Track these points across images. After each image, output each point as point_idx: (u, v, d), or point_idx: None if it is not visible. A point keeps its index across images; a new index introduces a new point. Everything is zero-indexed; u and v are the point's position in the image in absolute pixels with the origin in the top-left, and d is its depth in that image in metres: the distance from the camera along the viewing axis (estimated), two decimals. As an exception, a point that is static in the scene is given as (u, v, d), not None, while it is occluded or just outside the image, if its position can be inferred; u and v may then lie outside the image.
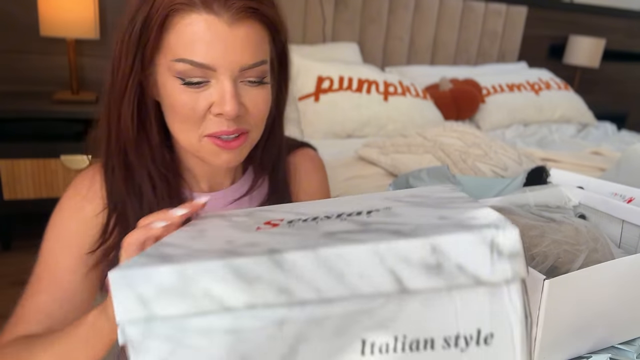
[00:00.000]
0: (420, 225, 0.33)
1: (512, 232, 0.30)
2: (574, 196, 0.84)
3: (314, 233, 0.35)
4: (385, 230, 0.33)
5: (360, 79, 2.07)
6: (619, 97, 3.66)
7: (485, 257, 0.30)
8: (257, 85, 0.58)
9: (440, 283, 0.30)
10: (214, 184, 0.70)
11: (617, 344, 0.63)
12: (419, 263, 0.30)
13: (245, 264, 0.30)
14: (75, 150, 1.87)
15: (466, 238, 0.30)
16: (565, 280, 0.54)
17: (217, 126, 0.56)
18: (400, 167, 1.48)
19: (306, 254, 0.30)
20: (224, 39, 0.53)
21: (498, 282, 0.31)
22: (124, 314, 0.31)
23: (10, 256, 1.92)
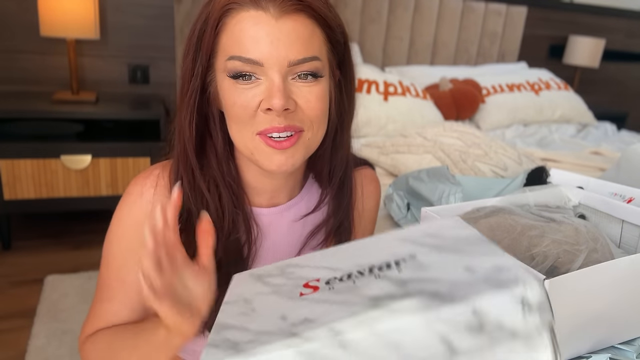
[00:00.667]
0: (454, 282, 0.36)
1: (537, 286, 0.33)
2: (574, 196, 0.84)
3: (358, 299, 0.37)
4: (425, 293, 0.35)
5: (360, 79, 2.07)
6: (618, 97, 3.66)
7: (519, 313, 0.33)
8: (311, 82, 0.57)
9: (483, 341, 0.33)
10: (273, 199, 0.69)
11: (617, 344, 0.63)
12: (464, 326, 0.33)
13: (313, 349, 0.33)
14: (75, 150, 1.87)
15: (501, 298, 0.33)
16: (565, 280, 0.54)
17: (267, 122, 0.56)
18: (400, 167, 1.48)
19: (365, 333, 0.33)
20: (271, 32, 0.53)
21: (531, 332, 0.34)
22: None
23: (10, 256, 1.92)
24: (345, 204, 0.71)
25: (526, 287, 0.33)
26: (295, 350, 0.33)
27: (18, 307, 1.64)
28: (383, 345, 0.33)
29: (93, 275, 1.83)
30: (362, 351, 0.33)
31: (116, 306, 0.66)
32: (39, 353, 1.43)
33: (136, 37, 2.22)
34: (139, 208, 0.64)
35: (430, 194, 1.05)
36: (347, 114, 0.67)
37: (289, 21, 0.54)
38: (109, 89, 2.24)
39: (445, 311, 0.32)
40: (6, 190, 1.83)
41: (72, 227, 2.19)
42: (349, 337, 0.33)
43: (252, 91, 0.56)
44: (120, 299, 0.66)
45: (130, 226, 0.64)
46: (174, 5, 2.16)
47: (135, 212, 0.64)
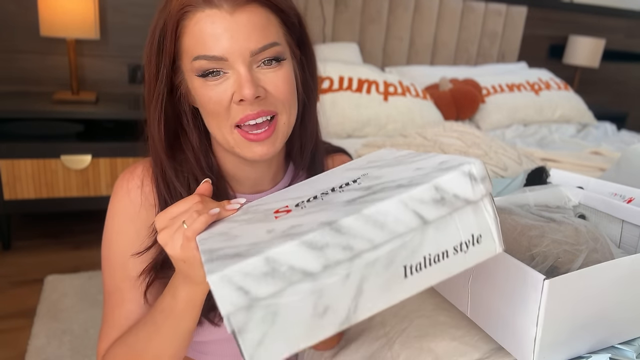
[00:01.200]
0: (410, 177, 0.45)
1: (479, 164, 0.43)
2: (574, 196, 0.84)
3: (335, 205, 0.44)
4: (390, 188, 0.44)
5: (360, 79, 2.07)
6: (618, 97, 3.66)
7: (468, 185, 0.43)
8: (275, 66, 0.59)
9: (445, 210, 0.43)
10: (257, 186, 0.71)
11: (617, 344, 0.63)
12: (430, 200, 0.42)
13: (314, 237, 0.39)
14: (75, 150, 1.87)
15: (455, 175, 0.42)
16: (565, 280, 0.54)
17: (241, 112, 0.58)
18: (400, 167, 1.48)
19: (355, 217, 0.40)
20: (228, 28, 0.56)
21: (478, 199, 0.44)
22: (229, 307, 0.38)
23: (10, 256, 1.93)
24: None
25: (471, 165, 0.43)
26: (297, 242, 0.39)
27: (18, 307, 1.64)
28: (371, 225, 0.40)
29: (93, 275, 1.83)
30: (354, 233, 0.40)
31: (128, 307, 0.66)
32: (39, 353, 1.43)
33: (136, 37, 2.22)
34: (129, 202, 0.66)
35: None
36: (312, 92, 0.70)
37: (243, 14, 0.56)
38: (109, 89, 2.24)
39: (415, 191, 0.41)
40: (6, 190, 1.83)
41: (72, 227, 2.19)
42: (341, 223, 0.40)
43: (222, 86, 0.58)
44: (131, 297, 0.66)
45: (125, 221, 0.66)
46: (174, 5, 2.15)
47: (127, 207, 0.66)
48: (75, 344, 1.47)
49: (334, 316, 0.40)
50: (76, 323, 1.57)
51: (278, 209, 0.49)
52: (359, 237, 0.40)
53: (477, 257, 0.45)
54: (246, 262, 0.38)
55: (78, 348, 1.46)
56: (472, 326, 0.69)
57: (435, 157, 0.48)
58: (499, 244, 0.45)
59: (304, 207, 0.48)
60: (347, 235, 0.40)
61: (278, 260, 0.38)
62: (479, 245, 0.44)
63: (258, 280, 0.38)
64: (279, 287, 0.39)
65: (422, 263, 0.42)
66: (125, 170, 0.68)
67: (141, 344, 0.60)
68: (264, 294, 0.38)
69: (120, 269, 0.66)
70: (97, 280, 1.80)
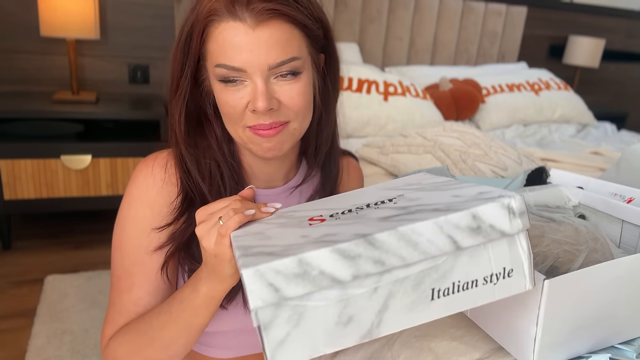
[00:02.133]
0: (449, 203, 0.45)
1: (520, 198, 0.43)
2: (573, 196, 0.84)
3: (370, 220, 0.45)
4: (427, 210, 0.44)
5: (360, 79, 2.07)
6: (618, 97, 3.66)
7: (505, 217, 0.43)
8: (291, 79, 0.61)
9: (480, 240, 0.43)
10: (269, 182, 0.74)
11: (617, 344, 0.63)
12: (466, 227, 0.42)
13: (348, 246, 0.40)
14: (75, 150, 1.87)
15: (494, 206, 0.43)
16: (565, 280, 0.54)
17: (254, 120, 0.62)
18: (400, 167, 1.48)
19: (390, 233, 0.41)
20: (250, 42, 0.58)
21: (514, 233, 0.44)
22: (259, 301, 0.39)
23: (10, 256, 1.93)
24: (332, 180, 0.78)
25: (511, 198, 0.44)
26: (331, 249, 0.40)
27: (18, 307, 1.64)
28: (404, 243, 0.41)
29: (93, 275, 1.83)
30: (387, 248, 0.41)
31: (136, 292, 0.67)
32: (39, 353, 1.43)
33: (136, 37, 2.22)
34: (150, 187, 0.67)
35: (430, 194, 1.05)
36: (332, 97, 0.72)
37: (265, 29, 0.58)
38: (109, 89, 2.25)
39: (452, 217, 0.42)
40: (6, 190, 1.83)
41: (72, 227, 2.19)
42: (375, 237, 0.40)
43: (240, 93, 0.61)
44: (140, 283, 0.67)
45: (144, 206, 0.67)
46: (174, 5, 2.16)
47: (147, 191, 0.67)
48: (75, 344, 1.47)
49: (357, 327, 0.41)
50: (76, 323, 1.57)
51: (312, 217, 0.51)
52: (391, 253, 0.41)
53: (505, 291, 0.45)
54: (280, 261, 0.39)
55: (78, 348, 1.46)
56: (472, 326, 0.69)
57: (474, 187, 0.49)
58: (529, 280, 0.46)
59: (338, 218, 0.49)
60: (380, 250, 0.41)
61: (310, 263, 0.40)
62: (510, 279, 0.45)
63: (289, 280, 0.39)
64: (307, 289, 0.40)
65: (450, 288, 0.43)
66: (147, 157, 0.70)
67: (154, 331, 0.61)
68: (293, 295, 0.40)
69: (132, 253, 0.67)
70: (97, 280, 1.80)
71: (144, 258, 0.67)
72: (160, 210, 0.67)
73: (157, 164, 0.68)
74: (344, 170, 0.82)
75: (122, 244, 0.68)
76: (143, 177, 0.68)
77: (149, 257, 0.67)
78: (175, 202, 0.67)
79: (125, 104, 2.08)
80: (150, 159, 0.69)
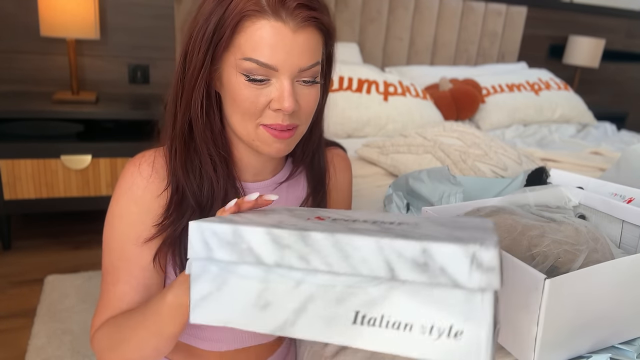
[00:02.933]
0: (426, 235, 0.40)
1: (492, 251, 0.35)
2: (574, 196, 0.84)
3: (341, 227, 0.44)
4: (394, 233, 0.40)
5: (360, 79, 2.07)
6: (618, 97, 3.66)
7: (465, 266, 0.35)
8: (310, 84, 0.65)
9: (424, 278, 0.37)
10: (257, 175, 0.76)
11: (617, 344, 0.63)
12: (410, 259, 0.37)
13: (280, 233, 0.40)
14: (75, 150, 1.87)
15: (452, 248, 0.36)
16: (565, 280, 0.54)
17: (273, 119, 0.63)
18: (400, 167, 1.48)
19: (325, 236, 0.39)
20: (288, 43, 0.60)
21: (473, 289, 0.36)
22: (193, 252, 0.43)
23: (10, 256, 1.93)
24: (322, 182, 0.81)
25: (482, 247, 0.35)
26: (265, 230, 0.41)
27: (18, 307, 1.64)
28: (336, 251, 0.39)
29: (93, 275, 1.83)
30: (317, 248, 0.39)
31: (122, 287, 0.68)
32: (39, 353, 1.43)
33: (136, 37, 2.22)
34: (137, 185, 0.68)
35: (431, 195, 1.05)
36: (324, 99, 0.76)
37: (302, 34, 0.61)
38: (109, 89, 2.25)
39: (398, 243, 0.37)
40: (6, 190, 1.83)
41: (72, 227, 2.19)
42: (310, 234, 0.39)
43: (264, 91, 0.62)
44: (126, 279, 0.68)
45: (130, 202, 0.68)
46: (174, 5, 2.16)
47: (134, 189, 0.68)
48: (75, 344, 1.47)
49: (272, 316, 0.41)
50: (76, 323, 1.57)
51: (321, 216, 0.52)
52: (320, 256, 0.39)
53: (447, 354, 0.36)
54: (219, 225, 0.42)
55: (78, 348, 1.46)
56: (472, 326, 0.69)
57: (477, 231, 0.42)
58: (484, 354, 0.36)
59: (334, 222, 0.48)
60: (310, 248, 0.39)
61: (243, 236, 0.41)
62: (456, 342, 0.36)
63: (220, 244, 0.42)
64: (233, 259, 0.42)
65: (378, 320, 0.38)
66: (134, 157, 0.71)
67: (129, 331, 0.62)
68: (220, 258, 0.42)
69: (119, 249, 0.68)
70: (97, 280, 1.80)
71: (130, 253, 0.68)
72: (149, 207, 0.68)
73: (145, 161, 0.69)
74: (330, 163, 0.84)
75: (110, 240, 0.69)
76: (130, 174, 0.69)
77: (135, 252, 0.68)
78: (163, 195, 0.68)
79: (125, 104, 2.08)
80: (137, 157, 0.70)
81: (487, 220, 0.52)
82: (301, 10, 0.60)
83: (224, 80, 0.65)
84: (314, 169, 0.80)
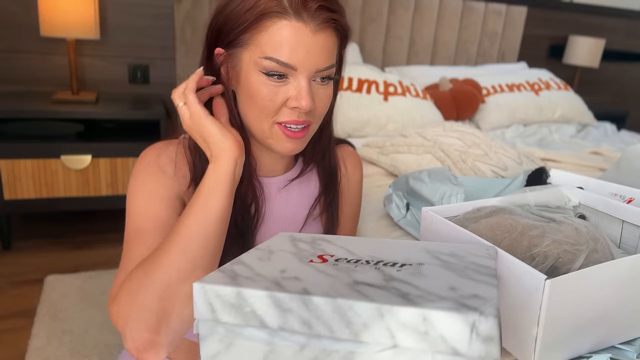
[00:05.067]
0: (429, 292, 0.40)
1: (492, 321, 0.36)
2: (574, 196, 0.84)
3: (345, 279, 0.44)
4: (397, 292, 0.40)
5: (360, 79, 2.07)
6: (618, 97, 3.66)
7: (465, 335, 0.36)
8: (325, 84, 0.67)
9: (424, 346, 0.37)
10: (269, 171, 0.78)
11: (618, 344, 0.63)
12: (411, 327, 0.37)
13: (283, 297, 0.40)
14: (75, 150, 1.87)
15: (452, 316, 0.36)
16: (565, 280, 0.54)
17: (289, 116, 0.65)
18: (400, 167, 1.48)
19: (327, 301, 0.39)
20: (307, 44, 0.62)
21: (473, 357, 0.36)
22: (198, 314, 0.42)
23: (10, 256, 1.93)
24: (334, 179, 0.82)
25: (481, 317, 0.36)
26: (267, 293, 0.40)
27: (18, 307, 1.64)
28: (337, 316, 0.39)
29: (93, 275, 1.83)
30: (319, 314, 0.39)
31: (149, 238, 0.64)
32: (39, 353, 1.43)
33: (136, 37, 2.22)
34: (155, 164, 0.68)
35: (432, 195, 1.05)
36: (334, 98, 0.77)
37: (322, 35, 0.63)
38: (109, 89, 2.25)
39: (398, 310, 0.37)
40: (6, 190, 1.83)
41: (72, 227, 2.19)
42: (312, 298, 0.39)
43: (282, 89, 0.64)
44: (152, 232, 0.65)
45: (149, 175, 0.68)
46: (174, 5, 2.16)
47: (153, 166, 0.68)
48: (75, 344, 1.47)
49: None
50: (76, 323, 1.57)
51: (323, 255, 0.52)
52: (322, 320, 0.39)
53: None
54: (223, 287, 0.42)
55: (78, 348, 1.46)
56: (472, 326, 0.69)
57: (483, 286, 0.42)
58: None
59: (336, 265, 0.48)
60: (312, 313, 0.39)
61: (246, 299, 0.41)
62: None
63: (224, 307, 0.42)
64: (238, 322, 0.41)
65: None
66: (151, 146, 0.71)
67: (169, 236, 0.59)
68: (225, 321, 0.42)
69: (143, 212, 0.66)
70: (97, 280, 1.80)
71: (154, 211, 0.66)
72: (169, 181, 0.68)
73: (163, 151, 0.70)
74: (341, 160, 0.86)
75: (131, 211, 0.67)
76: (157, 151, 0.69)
77: (159, 210, 0.66)
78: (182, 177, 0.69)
79: (125, 104, 2.08)
80: (155, 146, 0.71)
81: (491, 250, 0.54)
82: (322, 12, 0.61)
83: (241, 78, 0.66)
84: (325, 167, 0.82)
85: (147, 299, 0.56)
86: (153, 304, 0.56)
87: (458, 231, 0.66)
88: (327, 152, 0.81)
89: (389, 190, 1.18)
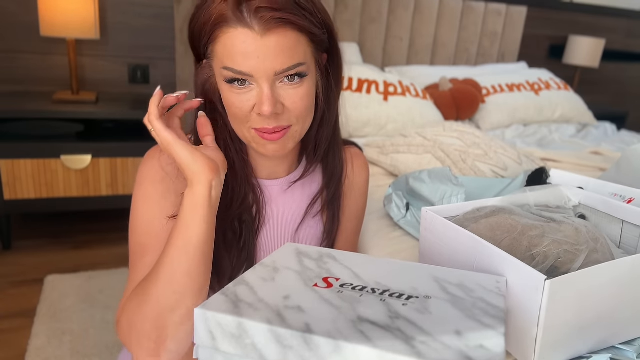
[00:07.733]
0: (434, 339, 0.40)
1: None
2: (574, 196, 0.84)
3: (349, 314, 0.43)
4: (401, 335, 0.40)
5: (360, 79, 2.07)
6: (618, 97, 3.66)
7: None
8: (295, 83, 0.64)
9: None
10: (272, 173, 0.78)
11: (617, 344, 0.63)
12: None
13: (284, 333, 0.40)
14: (75, 150, 1.87)
15: None
16: (565, 280, 0.54)
17: (259, 123, 0.65)
18: (400, 167, 1.48)
19: (328, 342, 0.39)
20: (257, 48, 0.59)
21: None
22: (199, 340, 0.42)
23: (10, 256, 1.93)
24: (337, 177, 0.81)
25: None
26: (269, 328, 0.40)
27: (18, 307, 1.64)
28: (339, 357, 0.38)
29: (93, 275, 1.83)
30: (320, 354, 0.39)
31: (150, 258, 0.67)
32: (39, 353, 1.43)
33: (136, 37, 2.22)
34: (159, 168, 0.70)
35: (432, 195, 1.05)
36: (334, 94, 0.74)
37: (273, 36, 0.59)
38: (109, 89, 2.25)
39: (398, 358, 0.37)
40: (6, 190, 1.83)
41: (72, 227, 2.19)
42: (313, 338, 0.39)
43: (246, 95, 0.63)
44: (154, 250, 0.68)
45: (153, 183, 0.69)
46: (174, 6, 2.16)
47: (157, 171, 0.69)
48: (75, 344, 1.47)
49: None
50: (76, 323, 1.57)
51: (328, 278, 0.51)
52: None
53: None
54: (224, 316, 0.41)
55: (78, 348, 1.46)
56: (472, 326, 0.69)
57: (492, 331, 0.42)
58: None
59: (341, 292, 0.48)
60: (313, 352, 0.39)
61: (247, 331, 0.41)
62: None
63: (224, 336, 0.41)
64: (238, 352, 0.41)
65: None
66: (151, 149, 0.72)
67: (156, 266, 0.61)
68: (225, 350, 0.42)
69: (145, 227, 0.68)
70: (97, 280, 1.80)
71: (157, 230, 0.68)
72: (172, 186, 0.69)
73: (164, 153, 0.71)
74: (348, 161, 0.85)
75: (136, 222, 0.69)
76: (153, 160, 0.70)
77: (161, 228, 0.68)
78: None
79: (125, 104, 2.08)
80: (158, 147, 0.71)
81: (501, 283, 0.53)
82: (263, 12, 0.58)
83: (218, 89, 0.67)
84: (329, 167, 0.81)
85: (143, 328, 0.59)
86: (149, 331, 0.59)
87: (458, 231, 0.66)
88: (330, 152, 0.80)
89: (389, 190, 1.18)
